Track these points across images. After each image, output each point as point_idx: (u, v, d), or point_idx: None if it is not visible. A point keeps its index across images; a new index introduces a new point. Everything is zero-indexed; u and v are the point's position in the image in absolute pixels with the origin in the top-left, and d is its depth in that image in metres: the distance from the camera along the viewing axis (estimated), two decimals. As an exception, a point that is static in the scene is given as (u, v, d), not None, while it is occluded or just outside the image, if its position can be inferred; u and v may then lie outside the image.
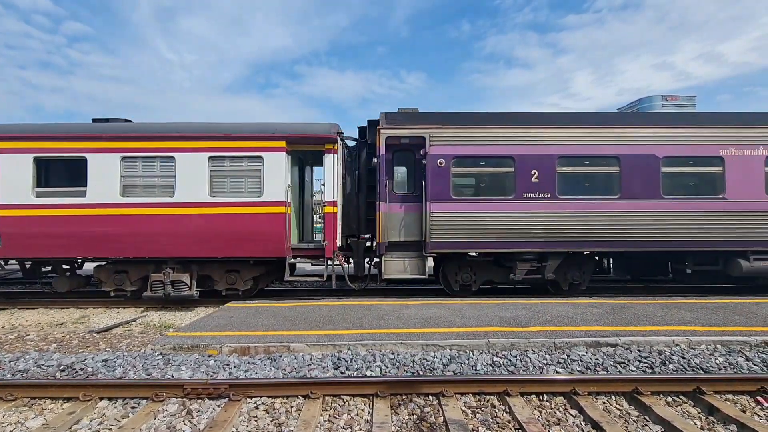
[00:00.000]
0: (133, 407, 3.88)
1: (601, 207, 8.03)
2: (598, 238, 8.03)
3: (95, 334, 6.54)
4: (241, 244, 7.77)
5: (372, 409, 3.80)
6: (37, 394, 4.04)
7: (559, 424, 3.61)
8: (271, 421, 3.64)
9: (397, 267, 8.18)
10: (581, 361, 4.74)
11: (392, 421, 3.61)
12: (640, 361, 4.75)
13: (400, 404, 3.90)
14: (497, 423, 3.62)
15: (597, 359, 4.79)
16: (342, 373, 4.55)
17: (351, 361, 4.76)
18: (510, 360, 4.79)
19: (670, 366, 4.64)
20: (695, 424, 3.61)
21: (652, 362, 4.71)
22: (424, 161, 8.09)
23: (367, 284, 8.84)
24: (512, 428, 3.54)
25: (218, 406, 3.87)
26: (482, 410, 3.82)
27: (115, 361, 4.89)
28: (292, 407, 3.86)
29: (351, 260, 8.66)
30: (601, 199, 8.06)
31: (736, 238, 8.04)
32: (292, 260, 8.30)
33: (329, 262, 8.24)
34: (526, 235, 7.99)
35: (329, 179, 8.08)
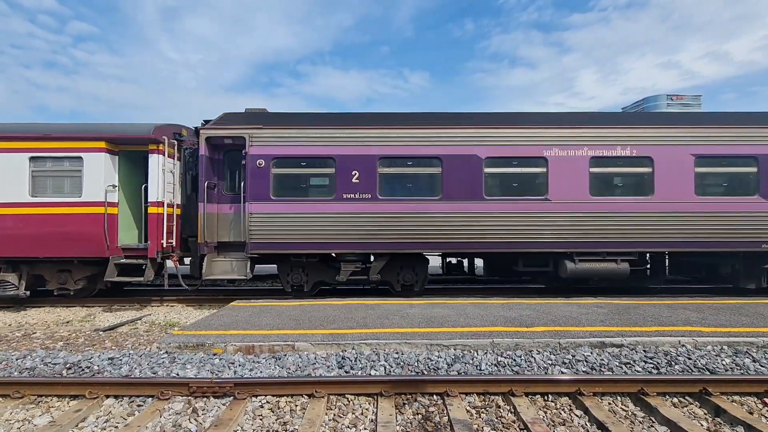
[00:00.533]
0: (138, 405, 3.91)
1: (422, 208, 7.98)
2: (421, 239, 7.98)
3: (101, 333, 6.59)
4: (63, 244, 7.81)
5: (376, 408, 3.80)
6: (44, 391, 4.07)
7: (564, 425, 3.59)
8: (276, 420, 3.64)
9: (224, 267, 8.20)
10: (586, 362, 4.72)
11: (397, 421, 3.60)
12: (645, 362, 4.72)
13: (404, 404, 3.90)
14: (502, 423, 3.61)
15: (602, 360, 4.77)
16: (346, 372, 4.55)
17: (355, 361, 4.76)
18: (515, 360, 4.77)
19: (676, 367, 4.62)
20: (702, 425, 3.58)
21: (658, 363, 4.68)
22: (243, 161, 8.07)
23: (201, 284, 8.85)
24: (517, 428, 3.53)
25: (223, 404, 3.88)
26: (487, 410, 3.82)
27: (120, 360, 4.92)
28: (296, 406, 3.87)
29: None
30: (423, 200, 8.03)
31: (560, 239, 7.98)
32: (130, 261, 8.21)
33: (165, 263, 8.29)
34: (347, 236, 7.95)
35: (152, 180, 7.99)
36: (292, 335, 5.42)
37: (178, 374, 4.47)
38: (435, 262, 9.41)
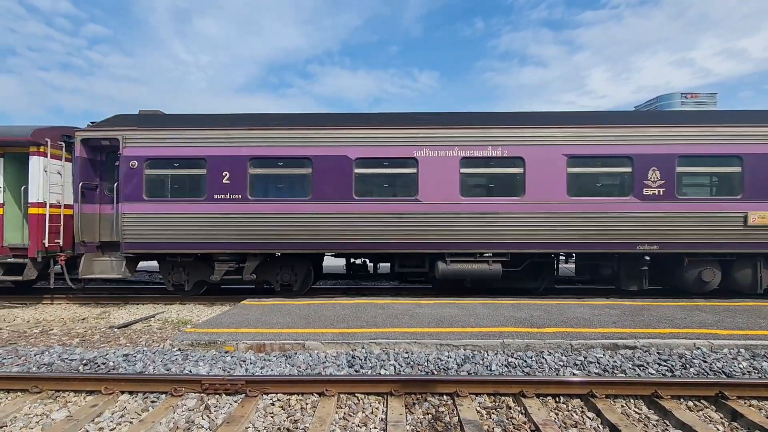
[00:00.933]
0: (152, 401, 3.97)
1: (292, 208, 7.96)
2: (291, 239, 7.95)
3: (116, 330, 6.71)
4: None
5: (386, 407, 3.81)
6: (61, 387, 4.16)
7: (576, 427, 3.56)
8: (287, 418, 3.67)
9: (103, 267, 8.33)
10: (599, 364, 4.67)
11: (407, 420, 3.61)
12: (659, 364, 4.65)
13: (414, 403, 3.90)
14: (512, 424, 3.59)
15: (615, 361, 4.71)
16: (356, 371, 4.57)
17: (365, 360, 4.78)
18: (525, 361, 4.74)
19: (691, 370, 4.54)
20: (718, 429, 3.52)
21: (672, 365, 4.61)
22: (117, 163, 8.12)
23: (86, 284, 8.96)
24: (528, 430, 3.51)
25: (235, 401, 3.93)
26: (497, 411, 3.80)
27: (135, 356, 5.01)
28: (307, 404, 3.89)
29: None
30: (293, 200, 8.02)
31: (431, 240, 7.90)
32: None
33: (51, 262, 8.37)
34: (219, 236, 7.96)
35: (33, 181, 8.01)
36: (303, 334, 5.45)
37: (190, 371, 4.53)
38: (339, 262, 9.54)
